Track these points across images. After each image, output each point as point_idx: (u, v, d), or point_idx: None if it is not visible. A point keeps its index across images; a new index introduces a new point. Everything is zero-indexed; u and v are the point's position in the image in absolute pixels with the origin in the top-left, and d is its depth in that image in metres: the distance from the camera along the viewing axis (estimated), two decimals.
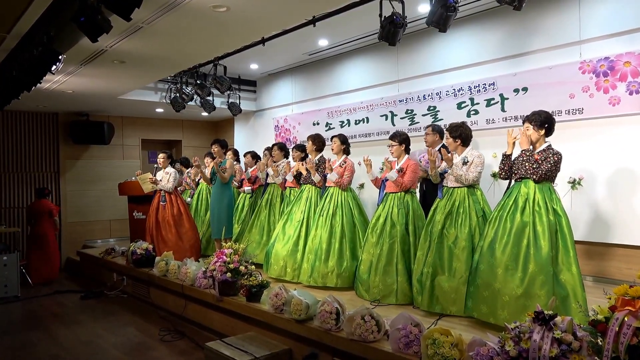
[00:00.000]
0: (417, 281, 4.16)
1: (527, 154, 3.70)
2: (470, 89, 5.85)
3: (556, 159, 3.62)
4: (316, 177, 5.40)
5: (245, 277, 4.52)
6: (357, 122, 7.20)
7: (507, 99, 5.52)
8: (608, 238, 4.86)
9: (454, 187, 4.20)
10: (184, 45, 5.14)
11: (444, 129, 5.08)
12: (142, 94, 8.06)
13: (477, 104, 5.79)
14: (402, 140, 4.73)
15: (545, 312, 2.42)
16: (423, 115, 6.37)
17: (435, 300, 3.99)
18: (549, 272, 3.35)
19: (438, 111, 6.20)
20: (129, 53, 5.27)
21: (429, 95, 6.29)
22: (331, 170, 5.16)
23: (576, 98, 4.99)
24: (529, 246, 3.47)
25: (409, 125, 6.51)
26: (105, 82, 6.63)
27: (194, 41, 5.03)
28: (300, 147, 5.98)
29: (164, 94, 8.22)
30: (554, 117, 5.15)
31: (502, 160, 3.87)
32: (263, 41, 6.01)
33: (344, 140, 5.34)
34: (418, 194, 5.15)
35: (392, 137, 4.78)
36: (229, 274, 4.54)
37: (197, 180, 7.90)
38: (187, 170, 7.94)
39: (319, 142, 5.60)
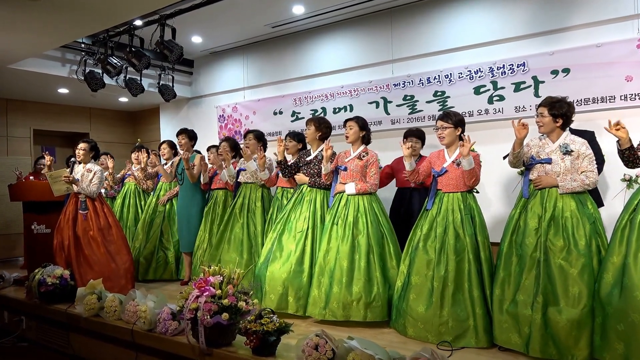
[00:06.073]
0: (509, 313, 2.98)
1: None
2: (492, 71, 4.87)
3: None
4: (326, 168, 3.92)
5: (254, 319, 2.98)
6: (337, 110, 5.90)
7: (543, 82, 4.62)
8: None
9: None
10: None
11: None
12: (43, 64, 5.99)
13: (502, 88, 4.83)
14: (457, 122, 3.53)
15: None
16: (428, 102, 5.27)
17: (550, 341, 2.80)
18: None
19: (448, 97, 5.14)
20: None
21: (434, 78, 5.22)
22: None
23: (635, 81, 4.21)
24: None
25: (409, 113, 5.38)
26: None
27: None
28: (297, 136, 4.52)
29: (75, 67, 6.21)
30: (605, 103, 4.53)
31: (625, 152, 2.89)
32: None
33: (363, 124, 3.95)
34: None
35: (442, 118, 3.55)
36: (225, 315, 2.98)
37: (120, 179, 6.05)
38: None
39: (325, 127, 4.17)
